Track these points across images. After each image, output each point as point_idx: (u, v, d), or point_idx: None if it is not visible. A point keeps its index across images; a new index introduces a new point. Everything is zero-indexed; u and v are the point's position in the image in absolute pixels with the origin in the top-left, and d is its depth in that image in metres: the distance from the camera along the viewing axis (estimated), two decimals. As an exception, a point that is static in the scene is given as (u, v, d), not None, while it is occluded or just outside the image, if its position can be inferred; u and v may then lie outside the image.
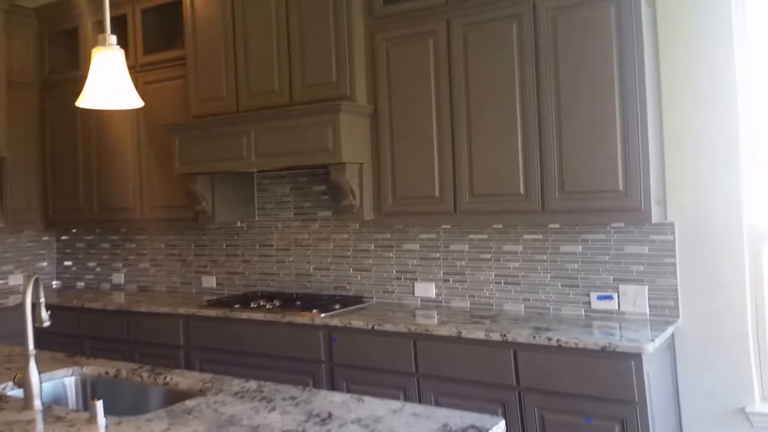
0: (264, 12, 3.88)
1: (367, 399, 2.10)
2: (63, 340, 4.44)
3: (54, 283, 5.53)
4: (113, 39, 2.18)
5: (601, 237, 3.43)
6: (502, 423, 1.88)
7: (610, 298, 3.40)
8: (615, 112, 3.07)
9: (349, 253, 4.19)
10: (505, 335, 3.06)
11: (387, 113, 3.68)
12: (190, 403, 2.09)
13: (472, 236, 3.80)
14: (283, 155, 3.74)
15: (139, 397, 2.38)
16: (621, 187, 3.07)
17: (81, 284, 5.41)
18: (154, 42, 4.52)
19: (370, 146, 3.74)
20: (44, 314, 2.17)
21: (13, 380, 2.12)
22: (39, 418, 1.95)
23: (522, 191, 3.32)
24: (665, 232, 3.28)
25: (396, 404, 2.07)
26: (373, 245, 4.11)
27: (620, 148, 3.07)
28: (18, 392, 2.21)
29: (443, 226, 3.85)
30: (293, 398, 2.12)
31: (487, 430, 1.81)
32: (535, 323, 3.29)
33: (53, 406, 2.08)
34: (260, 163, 3.83)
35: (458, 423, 1.86)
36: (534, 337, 3.00)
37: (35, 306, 2.14)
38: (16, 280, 5.17)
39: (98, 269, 5.33)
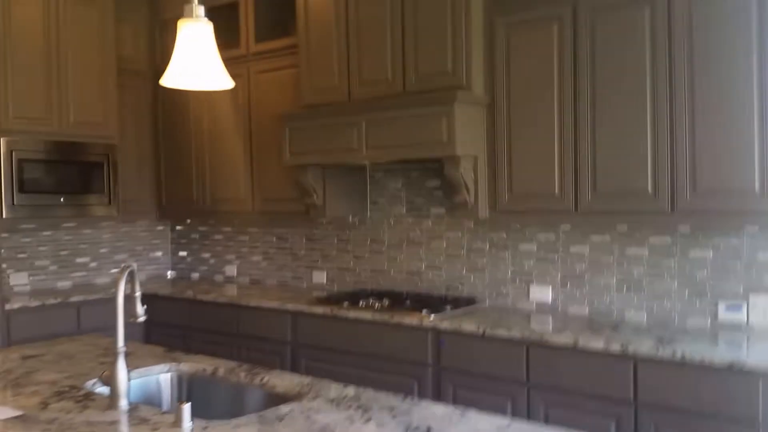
0: (378, -2, 3.73)
1: (471, 413, 1.91)
2: (174, 331, 4.52)
3: (169, 273, 5.64)
4: (201, 10, 1.96)
5: (734, 242, 3.06)
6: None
7: (738, 308, 3.03)
8: (753, 102, 2.74)
9: (462, 252, 3.98)
10: (625, 347, 2.76)
11: (505, 104, 3.44)
12: (284, 408, 1.96)
13: (594, 237, 3.50)
14: (395, 147, 3.58)
15: (235, 397, 2.28)
16: (757, 188, 2.73)
17: (195, 275, 5.48)
18: (266, 30, 4.47)
19: (487, 139, 3.52)
20: (139, 309, 2.06)
21: (100, 377, 2.06)
22: (123, 419, 1.87)
23: (650, 190, 3.01)
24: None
25: (502, 421, 1.86)
26: (487, 244, 3.88)
27: (757, 141, 2.73)
28: (106, 389, 2.15)
29: (563, 227, 3.57)
30: (391, 408, 1.95)
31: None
32: (658, 333, 2.98)
33: (141, 405, 2.00)
34: (371, 156, 3.69)
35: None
36: (657, 350, 2.70)
37: (129, 299, 2.05)
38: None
39: (212, 261, 5.38)
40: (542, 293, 3.67)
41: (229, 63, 4.51)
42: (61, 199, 4.51)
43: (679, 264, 3.23)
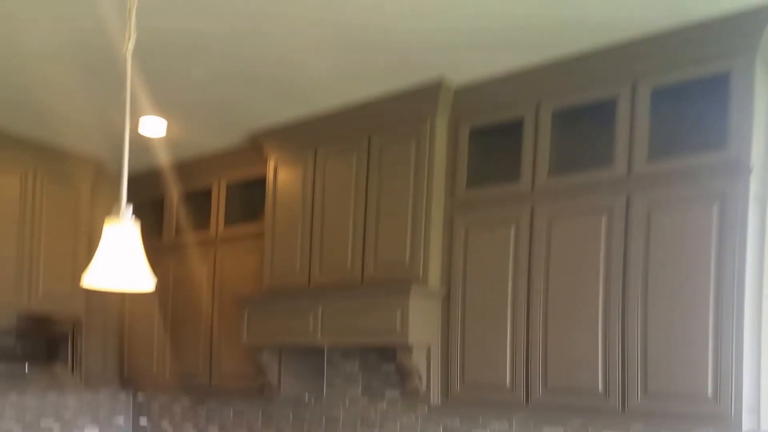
0: (343, 189, 3.94)
1: None
2: None
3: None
4: (129, 210, 2.05)
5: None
6: None
7: None
8: (709, 307, 2.86)
9: (415, 436, 3.99)
10: None
11: (460, 296, 3.56)
12: None
13: (546, 430, 3.54)
14: (349, 333, 3.68)
15: None
16: (710, 393, 2.82)
17: (155, 450, 5.40)
18: (235, 215, 4.71)
19: (441, 329, 3.62)
20: None
21: None
22: None
23: (600, 389, 3.09)
24: (758, 450, 2.94)
25: None
26: (441, 429, 3.91)
27: (711, 350, 2.84)
28: None
29: (517, 416, 3.62)
30: None
31: None
32: None
33: None
34: (326, 340, 3.78)
35: None
36: None
37: None
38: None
39: (170, 430, 5.34)
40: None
41: (199, 245, 4.79)
42: (26, 368, 4.55)
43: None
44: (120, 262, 2.00)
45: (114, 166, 4.96)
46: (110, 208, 2.01)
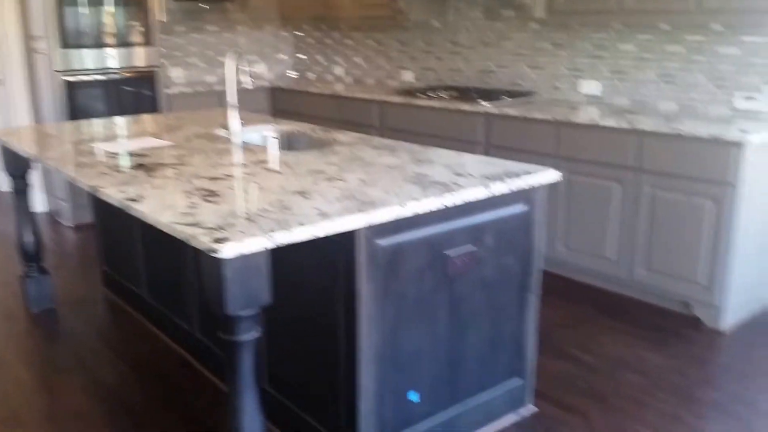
0: None
1: (465, 155, 2.70)
2: (292, 117, 5.54)
3: (290, 72, 6.64)
4: None
5: (758, 40, 3.46)
6: (554, 173, 2.39)
7: (753, 98, 3.50)
8: None
9: (526, 52, 4.59)
10: (632, 124, 3.40)
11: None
12: (338, 147, 2.87)
13: (639, 36, 3.98)
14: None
15: (313, 145, 3.22)
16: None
17: (311, 75, 6.45)
18: None
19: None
20: (246, 79, 3.00)
21: (221, 124, 3.04)
22: (235, 148, 2.87)
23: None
24: (820, 34, 3.24)
25: (481, 158, 2.66)
26: (549, 44, 4.45)
27: None
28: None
29: (614, 26, 4.06)
30: (412, 151, 2.79)
31: (538, 174, 2.34)
32: (675, 118, 3.54)
33: (249, 143, 2.99)
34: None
35: (516, 169, 2.41)
36: (657, 127, 3.32)
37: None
38: (260, 68, 6.34)
39: (324, 62, 6.30)
40: (591, 87, 4.25)
41: None
42: (204, 6, 5.51)
43: (708, 59, 3.67)
44: None
45: None
46: None
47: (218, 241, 1.64)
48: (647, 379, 2.86)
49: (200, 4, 5.49)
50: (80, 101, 4.93)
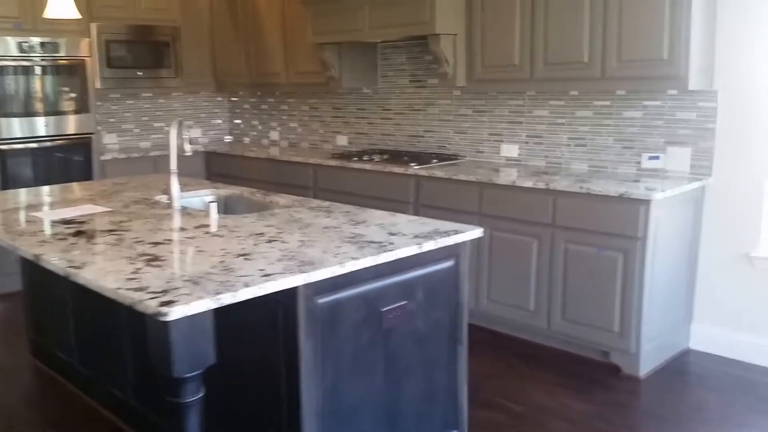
0: None
1: (398, 215, 2.88)
2: (227, 180, 5.64)
3: (226, 137, 6.78)
4: None
5: (658, 104, 3.82)
6: (479, 230, 2.58)
7: (657, 158, 3.84)
8: None
9: (450, 118, 4.87)
10: (548, 184, 3.67)
11: (480, -10, 4.18)
12: (276, 210, 3.01)
13: (551, 102, 4.31)
14: (389, 27, 4.45)
15: (252, 208, 3.34)
16: (665, 56, 3.44)
17: (247, 139, 6.61)
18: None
19: (465, 19, 4.29)
20: (187, 147, 3.12)
21: (162, 190, 3.13)
22: (175, 213, 2.97)
23: (586, 59, 3.75)
24: (712, 99, 3.61)
25: (413, 218, 2.85)
26: (471, 110, 4.75)
27: (668, 17, 3.41)
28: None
29: (528, 93, 4.39)
30: (347, 212, 2.95)
31: (464, 232, 2.53)
32: (587, 178, 3.83)
33: (188, 208, 3.09)
34: (371, 35, 4.57)
35: (446, 227, 2.59)
36: (570, 187, 3.59)
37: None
38: (195, 133, 6.46)
39: (260, 127, 6.48)
40: (511, 150, 4.55)
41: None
42: (139, 73, 5.61)
43: (614, 123, 4.02)
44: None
45: None
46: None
47: (164, 304, 1.72)
48: (573, 426, 3.02)
49: (135, 71, 5.60)
50: (11, 169, 4.92)
